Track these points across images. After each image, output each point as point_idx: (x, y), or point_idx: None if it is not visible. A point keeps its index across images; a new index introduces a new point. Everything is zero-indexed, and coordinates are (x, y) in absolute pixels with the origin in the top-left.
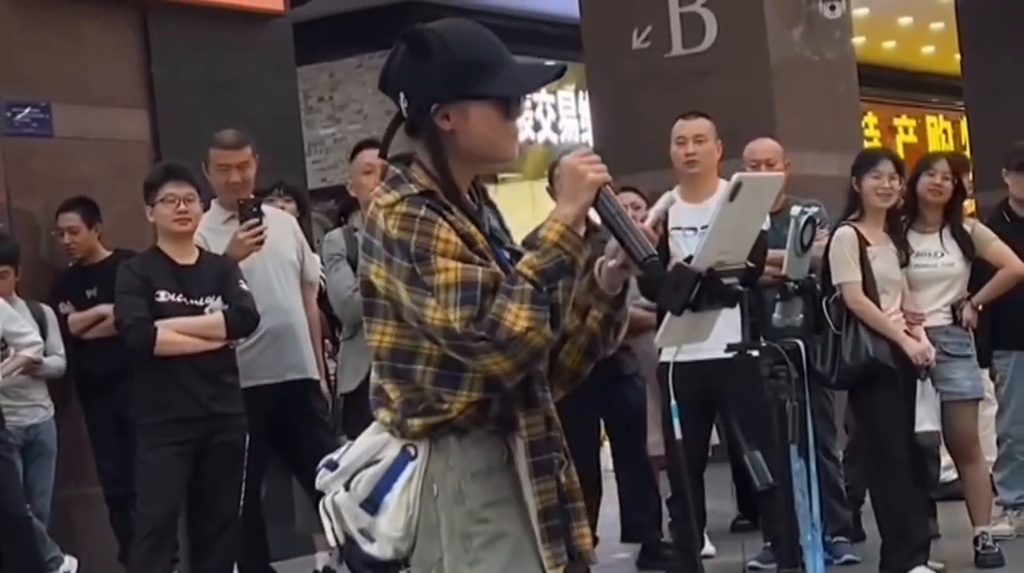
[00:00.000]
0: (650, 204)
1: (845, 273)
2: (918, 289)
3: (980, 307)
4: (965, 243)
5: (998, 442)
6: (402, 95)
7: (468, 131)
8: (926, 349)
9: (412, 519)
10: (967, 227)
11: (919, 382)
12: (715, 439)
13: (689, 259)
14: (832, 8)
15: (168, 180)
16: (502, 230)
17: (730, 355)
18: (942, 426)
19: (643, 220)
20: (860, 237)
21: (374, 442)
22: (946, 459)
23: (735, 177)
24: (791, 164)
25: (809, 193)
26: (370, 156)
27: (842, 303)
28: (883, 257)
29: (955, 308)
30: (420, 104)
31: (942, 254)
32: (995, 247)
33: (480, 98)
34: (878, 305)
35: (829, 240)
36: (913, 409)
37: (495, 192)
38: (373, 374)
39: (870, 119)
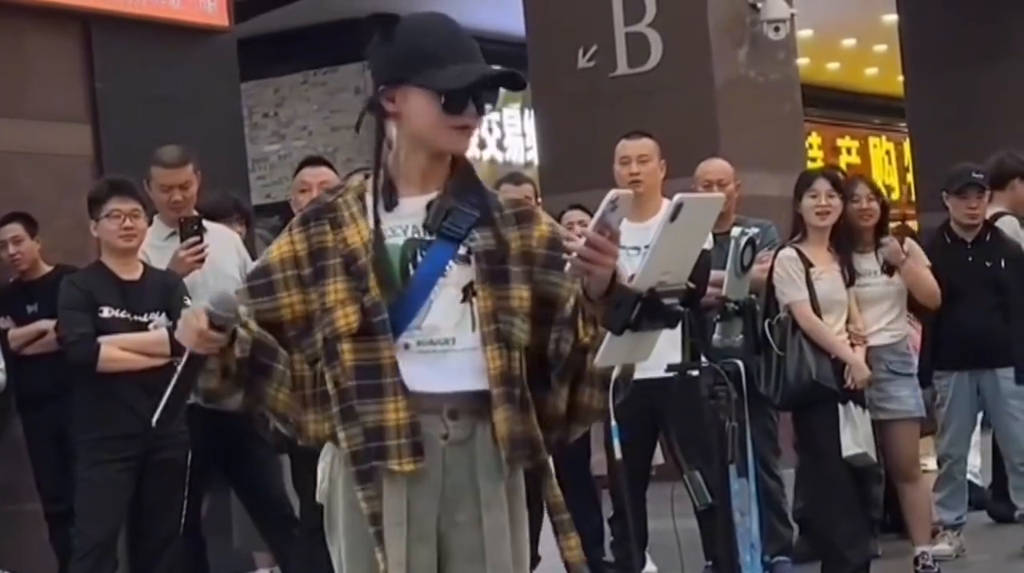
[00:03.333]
0: None
1: (793, 293)
2: (861, 309)
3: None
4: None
5: (938, 462)
6: (369, 74)
7: (408, 116)
8: (869, 376)
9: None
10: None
11: (840, 406)
12: (658, 458)
13: (631, 279)
14: (776, 29)
15: (113, 195)
16: (483, 219)
17: (671, 375)
18: (882, 446)
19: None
20: (803, 258)
21: None
22: None
23: (676, 198)
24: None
25: (752, 213)
26: (308, 174)
27: (785, 324)
28: (828, 277)
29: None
30: (375, 84)
31: (880, 272)
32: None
33: (420, 86)
34: None
35: (772, 262)
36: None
37: None
38: None
39: (814, 140)
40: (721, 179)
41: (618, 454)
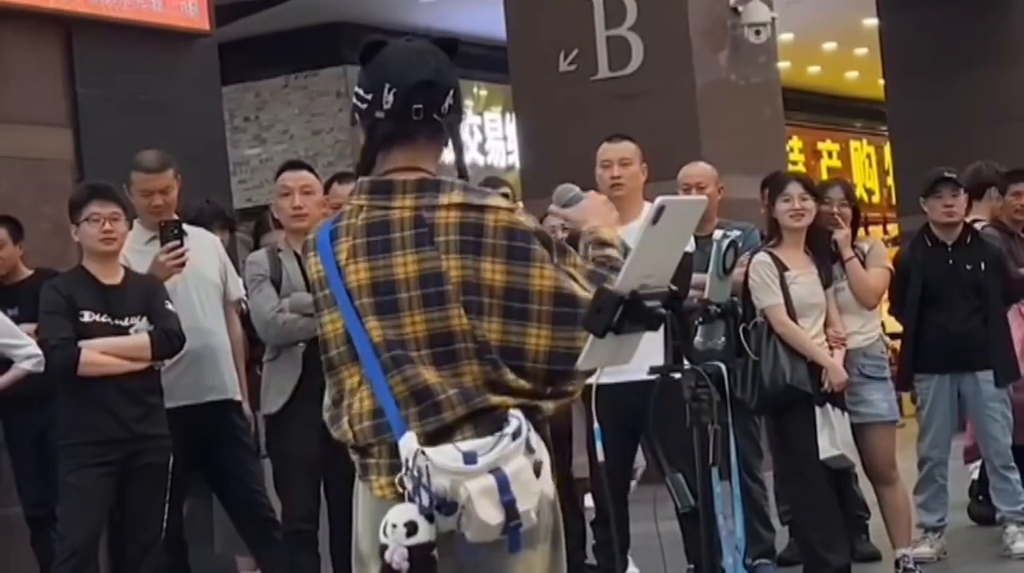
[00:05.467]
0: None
1: (767, 297)
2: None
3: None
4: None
5: (919, 465)
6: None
7: None
8: (846, 379)
9: None
10: (865, 245)
11: (818, 409)
12: (641, 462)
13: (612, 281)
14: (757, 33)
15: (93, 199)
16: None
17: (653, 377)
18: (859, 450)
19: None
20: (778, 262)
21: None
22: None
23: (658, 200)
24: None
25: (734, 216)
26: (289, 179)
27: (761, 329)
28: (803, 280)
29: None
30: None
31: (843, 278)
32: (870, 271)
33: None
34: None
35: (747, 267)
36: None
37: None
38: None
39: (795, 143)
40: (699, 182)
41: (600, 457)
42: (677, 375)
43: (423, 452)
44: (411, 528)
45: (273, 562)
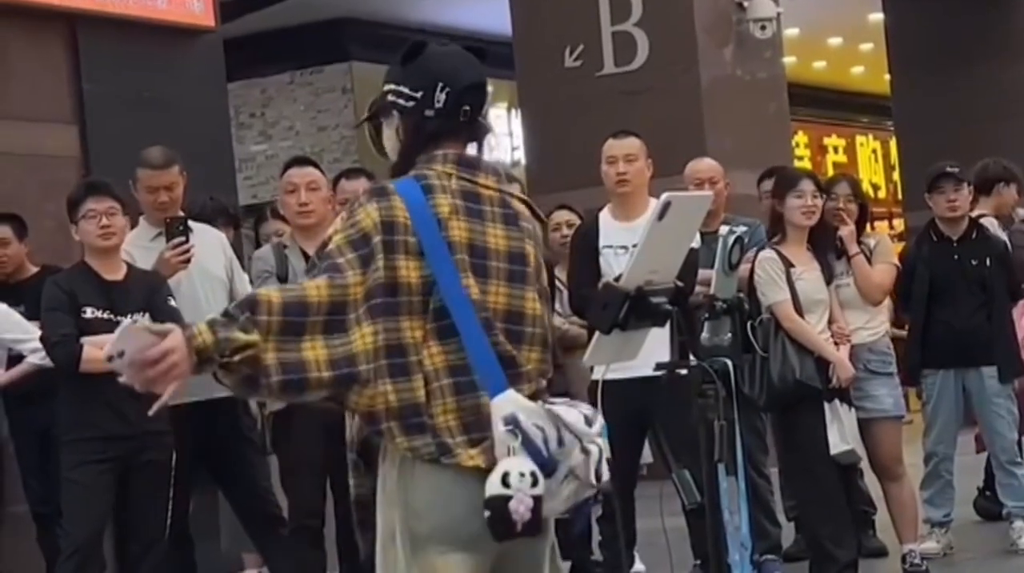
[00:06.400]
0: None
1: (774, 293)
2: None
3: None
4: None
5: (925, 460)
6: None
7: None
8: (854, 374)
9: None
10: (872, 241)
11: (827, 405)
12: (647, 457)
13: (618, 278)
14: (763, 28)
15: (89, 196)
16: None
17: (659, 373)
18: (865, 445)
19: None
20: (783, 258)
21: None
22: None
23: (664, 196)
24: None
25: (739, 212)
26: (295, 175)
27: (768, 325)
28: (808, 276)
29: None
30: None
31: (848, 274)
32: (876, 267)
33: None
34: None
35: (752, 263)
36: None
37: None
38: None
39: (801, 138)
40: (712, 177)
41: (607, 453)
42: (684, 371)
43: (550, 409)
44: (534, 479)
45: (279, 558)
